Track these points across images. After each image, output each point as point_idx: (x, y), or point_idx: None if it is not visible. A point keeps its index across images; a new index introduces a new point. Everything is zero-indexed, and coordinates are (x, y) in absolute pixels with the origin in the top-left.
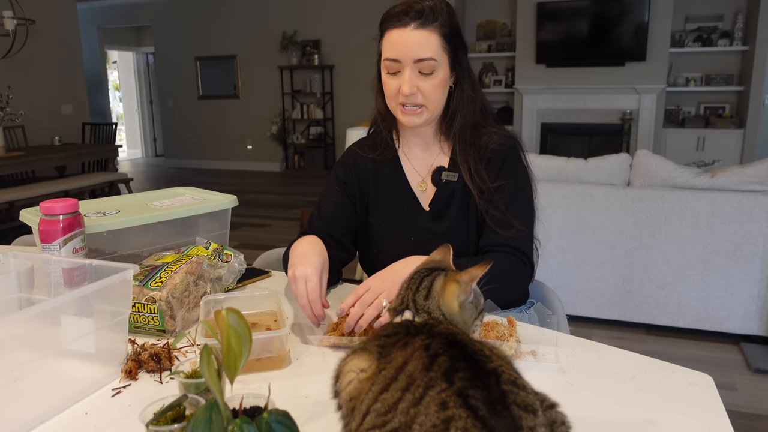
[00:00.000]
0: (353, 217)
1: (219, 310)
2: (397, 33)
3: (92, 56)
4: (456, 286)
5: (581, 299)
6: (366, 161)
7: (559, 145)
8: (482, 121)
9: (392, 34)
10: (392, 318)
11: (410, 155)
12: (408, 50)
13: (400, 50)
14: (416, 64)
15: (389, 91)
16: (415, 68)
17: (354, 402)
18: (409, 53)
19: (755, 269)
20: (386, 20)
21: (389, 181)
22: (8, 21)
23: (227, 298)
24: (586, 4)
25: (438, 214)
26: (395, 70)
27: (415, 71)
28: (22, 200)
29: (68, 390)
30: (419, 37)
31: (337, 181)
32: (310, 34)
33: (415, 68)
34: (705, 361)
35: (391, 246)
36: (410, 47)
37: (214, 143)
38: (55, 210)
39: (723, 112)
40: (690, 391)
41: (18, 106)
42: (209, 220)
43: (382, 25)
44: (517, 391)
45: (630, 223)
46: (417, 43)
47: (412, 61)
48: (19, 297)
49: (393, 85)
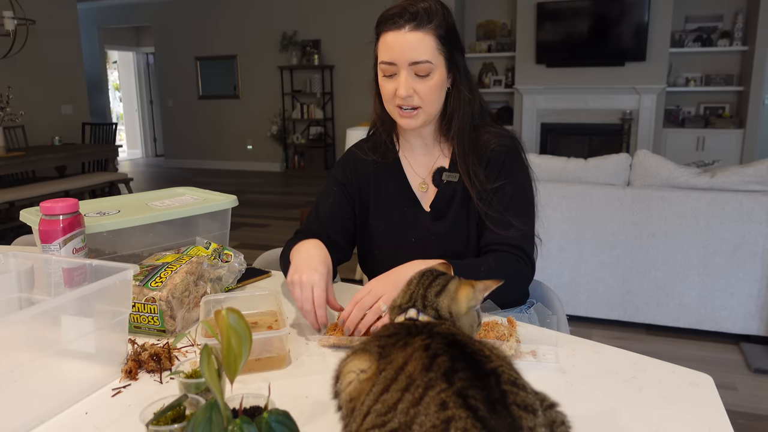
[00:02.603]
0: (351, 218)
1: (219, 310)
2: (392, 36)
3: (92, 56)
4: (471, 290)
5: (581, 299)
6: (366, 163)
7: (559, 145)
8: (480, 121)
9: (387, 36)
10: (394, 316)
11: (411, 157)
12: (403, 53)
13: (395, 53)
14: (412, 66)
15: (386, 93)
16: (410, 71)
17: (354, 402)
18: (405, 56)
19: (755, 269)
20: (381, 23)
21: (390, 182)
22: (8, 21)
23: (227, 298)
24: (586, 4)
25: (439, 214)
26: (391, 72)
27: (411, 74)
28: (22, 200)
29: (68, 390)
30: (414, 40)
31: (335, 182)
32: (310, 34)
33: (410, 71)
34: (705, 361)
35: (392, 247)
36: (405, 50)
37: (214, 143)
38: (55, 210)
39: (723, 112)
40: (690, 391)
41: (18, 106)
42: (209, 220)
43: (378, 27)
44: (517, 391)
45: (630, 223)
46: (412, 46)
47: (407, 63)
48: (19, 297)
49: (389, 87)
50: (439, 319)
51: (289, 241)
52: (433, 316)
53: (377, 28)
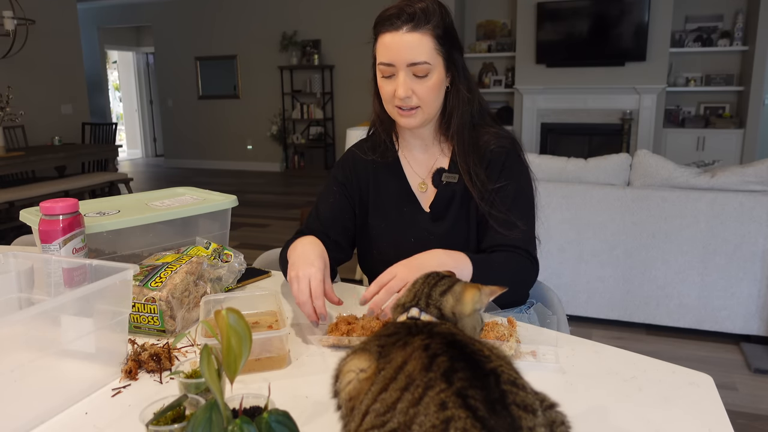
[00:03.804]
0: (351, 218)
1: (219, 310)
2: (390, 37)
3: (92, 56)
4: (477, 293)
5: (581, 299)
6: (366, 163)
7: (559, 145)
8: (480, 120)
9: (385, 38)
10: (397, 315)
11: (410, 157)
12: (401, 54)
13: (393, 54)
14: (410, 67)
15: (385, 94)
16: (409, 71)
17: (353, 402)
18: (402, 57)
19: (755, 269)
20: (379, 24)
21: (389, 182)
22: (8, 21)
23: (227, 298)
24: (586, 4)
25: (438, 215)
26: (390, 73)
27: (409, 74)
28: (22, 200)
29: (68, 390)
30: (412, 41)
31: (336, 182)
32: (310, 34)
33: (409, 71)
34: (705, 361)
35: (391, 247)
36: (403, 51)
37: (214, 143)
38: (55, 210)
39: (723, 112)
40: (690, 391)
41: (18, 106)
42: (209, 220)
43: (375, 28)
44: (517, 391)
45: (630, 223)
46: (410, 47)
47: (405, 64)
48: (19, 297)
49: (389, 88)
50: (441, 318)
51: (288, 242)
52: (435, 315)
53: (375, 29)
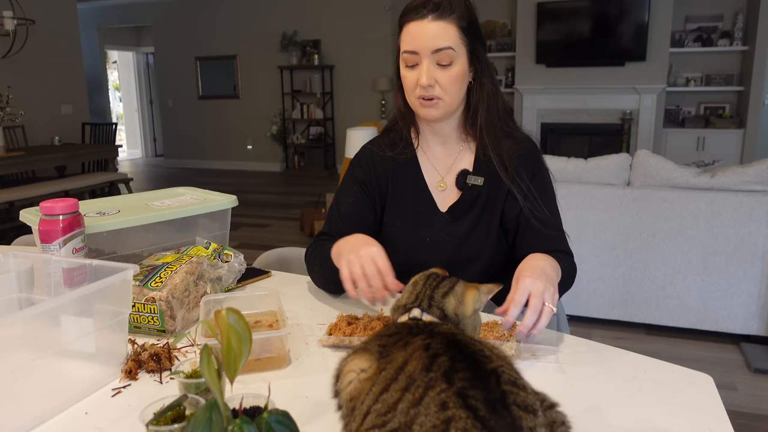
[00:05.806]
0: (373, 217)
1: (219, 310)
2: (415, 25)
3: (92, 56)
4: (476, 293)
5: (581, 299)
6: (384, 160)
7: (559, 145)
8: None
9: (410, 26)
10: (397, 316)
11: (429, 154)
12: (425, 41)
13: (417, 42)
14: (434, 55)
15: (408, 84)
16: (432, 59)
17: (354, 402)
18: (427, 44)
19: (755, 269)
20: (404, 14)
21: (407, 180)
22: (8, 21)
23: (227, 298)
24: (586, 4)
25: (455, 216)
26: (413, 62)
27: (432, 62)
28: (22, 200)
29: (68, 390)
30: (437, 28)
31: (355, 181)
32: (309, 34)
33: (432, 59)
34: (705, 361)
35: (406, 245)
36: (428, 38)
37: (214, 143)
38: (55, 210)
39: (723, 112)
40: (690, 391)
41: (18, 106)
42: (209, 220)
43: (401, 19)
44: (517, 391)
45: (630, 223)
46: (434, 34)
47: (429, 52)
48: (19, 297)
49: (411, 78)
50: (444, 319)
51: (311, 244)
52: (438, 316)
53: (400, 20)
